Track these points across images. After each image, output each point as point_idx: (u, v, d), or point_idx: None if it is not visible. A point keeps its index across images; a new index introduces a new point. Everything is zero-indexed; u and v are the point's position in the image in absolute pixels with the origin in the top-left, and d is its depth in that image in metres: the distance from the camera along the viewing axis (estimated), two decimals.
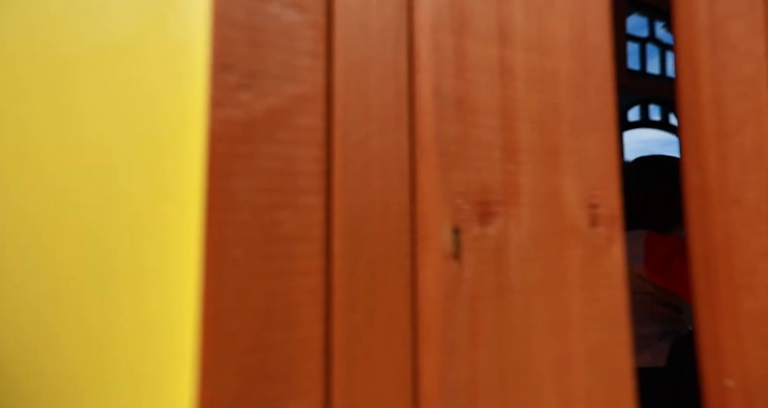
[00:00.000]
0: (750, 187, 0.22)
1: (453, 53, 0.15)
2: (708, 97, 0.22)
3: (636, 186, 0.76)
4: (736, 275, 0.21)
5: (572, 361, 0.16)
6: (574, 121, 0.17)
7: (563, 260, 0.16)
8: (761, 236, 0.22)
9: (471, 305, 0.14)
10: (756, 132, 0.23)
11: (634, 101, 2.01)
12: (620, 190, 0.18)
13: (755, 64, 0.23)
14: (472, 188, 0.15)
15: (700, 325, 0.22)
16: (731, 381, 0.20)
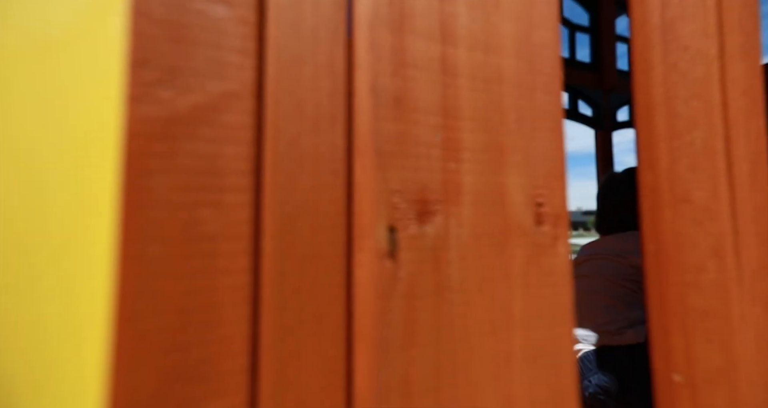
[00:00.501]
0: (699, 186, 0.22)
1: (391, 51, 0.15)
2: (660, 97, 0.22)
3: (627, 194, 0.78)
4: (685, 273, 0.21)
5: (513, 358, 0.16)
6: (519, 120, 0.17)
7: (506, 259, 0.16)
8: (709, 235, 0.22)
9: (407, 304, 0.14)
10: (707, 132, 0.23)
11: (623, 101, 2.03)
12: (567, 189, 0.18)
13: (707, 65, 0.23)
14: (410, 187, 0.15)
15: (651, 322, 0.22)
16: (678, 376, 0.21)
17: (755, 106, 0.25)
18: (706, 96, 0.23)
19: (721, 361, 0.21)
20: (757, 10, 0.25)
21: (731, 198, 0.23)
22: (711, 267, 0.22)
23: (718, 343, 0.22)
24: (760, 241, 0.24)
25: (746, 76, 0.25)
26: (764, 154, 0.25)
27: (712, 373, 0.21)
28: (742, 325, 0.23)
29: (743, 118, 0.24)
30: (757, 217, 0.24)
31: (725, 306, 0.22)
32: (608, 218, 0.85)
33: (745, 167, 0.24)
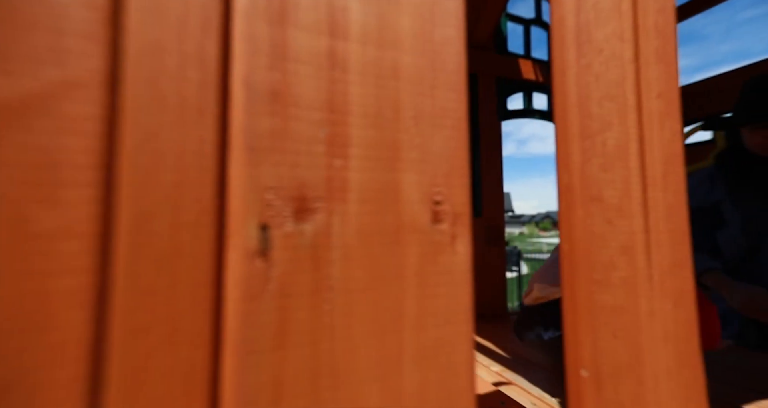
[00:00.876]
0: (611, 185, 0.23)
1: (269, 43, 0.14)
2: (574, 98, 0.22)
3: None
4: (595, 270, 0.22)
5: (404, 358, 0.16)
6: (417, 117, 0.17)
7: (399, 258, 0.16)
8: (621, 233, 0.23)
9: (279, 304, 0.14)
10: (621, 133, 0.24)
11: None
12: (468, 187, 0.18)
13: (621, 68, 0.24)
14: (287, 184, 0.14)
15: (564, 319, 0.22)
16: (585, 371, 0.21)
17: (671, 109, 0.26)
18: (621, 98, 0.24)
19: (627, 356, 0.22)
20: (673, 15, 0.26)
21: (644, 198, 0.24)
22: (621, 265, 0.23)
23: (624, 338, 0.22)
24: (672, 240, 0.25)
25: (662, 79, 0.26)
26: (679, 156, 0.26)
27: (618, 368, 0.22)
28: (650, 321, 0.23)
29: (658, 120, 0.25)
30: (669, 216, 0.25)
31: (634, 302, 0.23)
32: None
33: (659, 168, 0.25)
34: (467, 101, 0.18)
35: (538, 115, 1.85)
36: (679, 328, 0.24)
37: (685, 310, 0.25)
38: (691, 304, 0.25)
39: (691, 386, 0.24)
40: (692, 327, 0.25)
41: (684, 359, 0.24)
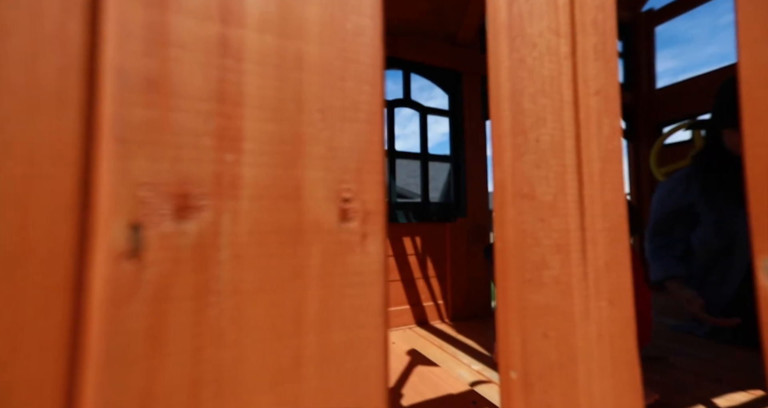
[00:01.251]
0: (545, 182, 0.23)
1: (145, 27, 0.13)
2: (507, 93, 0.22)
3: None
4: (526, 270, 0.21)
5: (303, 365, 0.15)
6: (325, 110, 0.16)
7: (300, 258, 0.15)
8: (554, 232, 0.23)
9: (154, 308, 0.13)
10: (556, 130, 0.23)
11: None
12: (382, 184, 0.17)
13: (557, 63, 0.24)
14: (166, 179, 0.13)
15: (497, 319, 0.22)
16: (514, 373, 0.21)
17: (609, 106, 0.26)
18: (556, 94, 0.23)
19: (558, 356, 0.22)
20: (613, 12, 0.26)
21: (580, 195, 0.24)
22: (555, 263, 0.22)
23: (556, 338, 0.22)
24: (609, 238, 0.25)
25: (600, 76, 0.25)
26: (617, 153, 0.26)
27: (548, 368, 0.21)
28: (584, 320, 0.23)
29: (596, 117, 0.25)
30: (606, 214, 0.25)
31: (567, 302, 0.23)
32: None
33: (596, 166, 0.25)
34: (383, 93, 0.18)
35: None
36: (615, 326, 0.24)
37: (621, 308, 0.25)
38: (628, 302, 0.25)
39: (627, 384, 0.24)
40: (629, 325, 0.25)
41: (620, 357, 0.24)
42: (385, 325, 0.17)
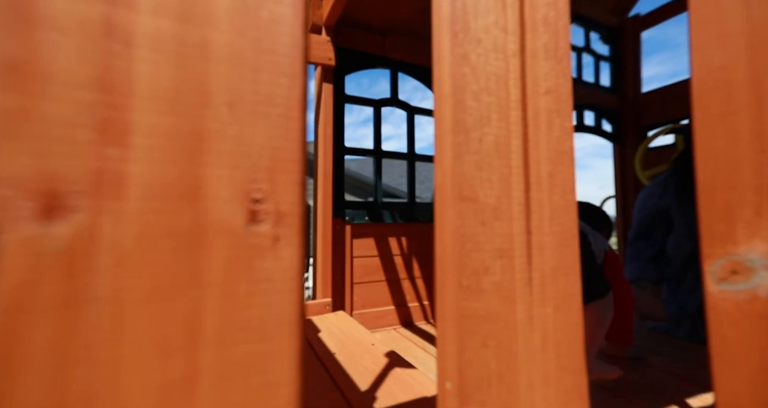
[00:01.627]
0: (487, 184, 0.22)
1: (9, 6, 0.12)
2: (448, 90, 0.21)
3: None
4: (465, 275, 0.21)
5: (199, 382, 0.14)
6: (234, 104, 0.15)
7: (197, 264, 0.14)
8: (497, 236, 0.22)
9: (7, 323, 0.11)
10: (501, 130, 0.22)
11: None
12: (301, 184, 0.16)
13: (504, 61, 0.23)
14: (28, 175, 0.12)
15: (436, 328, 0.21)
16: (449, 383, 0.20)
17: (560, 107, 0.25)
18: (502, 92, 0.23)
19: (498, 365, 0.21)
20: (566, 9, 0.25)
21: (526, 198, 0.23)
22: (496, 269, 0.21)
23: (496, 347, 0.21)
24: (557, 243, 0.24)
25: (551, 75, 0.25)
26: (568, 156, 0.25)
27: (486, 378, 0.20)
28: (528, 328, 0.22)
29: (546, 117, 0.24)
30: (554, 218, 0.24)
31: (509, 309, 0.22)
32: None
33: (544, 168, 0.24)
34: (304, 87, 0.17)
35: None
36: (561, 333, 0.24)
37: (568, 314, 0.24)
38: (576, 308, 0.24)
39: (572, 392, 0.24)
40: (576, 332, 0.24)
41: (565, 365, 0.23)
42: (299, 335, 0.16)
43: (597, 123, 2.35)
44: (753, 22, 0.23)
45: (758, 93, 0.23)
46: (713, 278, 0.25)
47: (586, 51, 2.28)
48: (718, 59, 0.25)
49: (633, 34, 2.35)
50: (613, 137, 2.36)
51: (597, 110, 2.30)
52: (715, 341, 0.25)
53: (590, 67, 2.33)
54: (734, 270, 0.24)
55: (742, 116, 0.24)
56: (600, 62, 2.34)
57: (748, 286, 0.24)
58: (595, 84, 2.28)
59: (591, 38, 2.32)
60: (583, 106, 2.23)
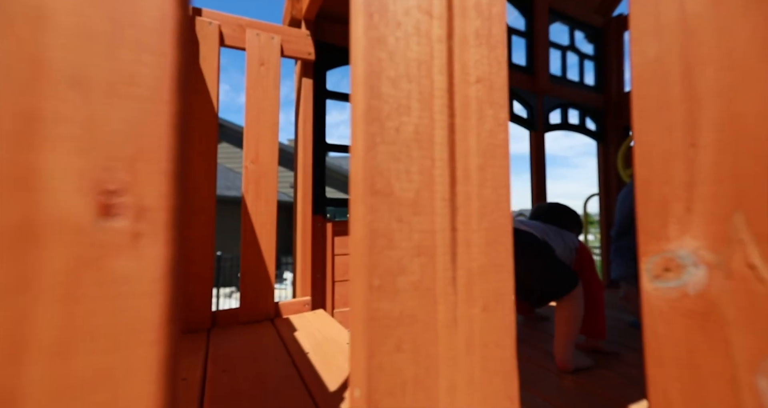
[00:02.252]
0: (405, 177, 0.20)
1: None
2: (361, 75, 0.20)
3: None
4: (377, 275, 0.19)
5: (22, 400, 0.12)
6: (80, 82, 0.13)
7: (29, 265, 0.12)
8: (415, 232, 0.20)
9: None
10: (423, 119, 0.21)
11: (555, 104, 2.19)
12: (171, 175, 0.14)
13: (428, 46, 0.21)
14: None
15: (350, 331, 0.19)
16: (358, 390, 0.18)
17: (493, 97, 0.24)
18: (425, 79, 0.21)
19: (414, 369, 0.20)
20: None
21: (451, 193, 0.22)
22: (414, 268, 0.20)
23: (412, 351, 0.20)
24: (487, 239, 0.23)
25: (483, 63, 0.23)
26: (502, 148, 0.24)
27: (401, 384, 0.19)
28: (450, 330, 0.21)
29: (476, 107, 0.23)
30: (485, 214, 0.23)
31: (429, 310, 0.20)
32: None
33: (474, 161, 0.23)
34: (175, 66, 0.15)
35: None
36: (490, 334, 0.22)
37: (498, 314, 0.23)
38: (508, 308, 0.23)
39: (501, 394, 0.22)
40: (507, 332, 0.23)
41: (493, 367, 0.22)
42: (165, 343, 0.14)
43: (581, 121, 2.37)
44: (686, 14, 0.22)
45: (689, 86, 0.22)
46: (648, 276, 0.24)
47: (571, 50, 2.29)
48: (654, 50, 0.24)
49: (617, 34, 2.37)
50: (597, 136, 2.39)
51: (581, 109, 2.32)
52: (649, 340, 0.24)
53: (575, 67, 2.35)
54: (667, 267, 0.23)
55: (675, 109, 0.23)
56: (585, 61, 2.36)
57: (678, 284, 0.23)
58: (579, 83, 2.30)
59: (576, 37, 2.33)
60: (568, 105, 2.24)
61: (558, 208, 1.18)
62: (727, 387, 0.20)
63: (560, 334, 0.89)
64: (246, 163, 1.14)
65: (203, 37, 1.06)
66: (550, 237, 0.98)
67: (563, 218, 1.14)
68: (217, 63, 1.09)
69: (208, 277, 1.06)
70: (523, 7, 2.00)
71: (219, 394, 0.68)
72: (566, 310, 0.88)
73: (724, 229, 0.21)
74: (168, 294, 0.14)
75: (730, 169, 0.21)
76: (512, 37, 1.90)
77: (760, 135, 0.19)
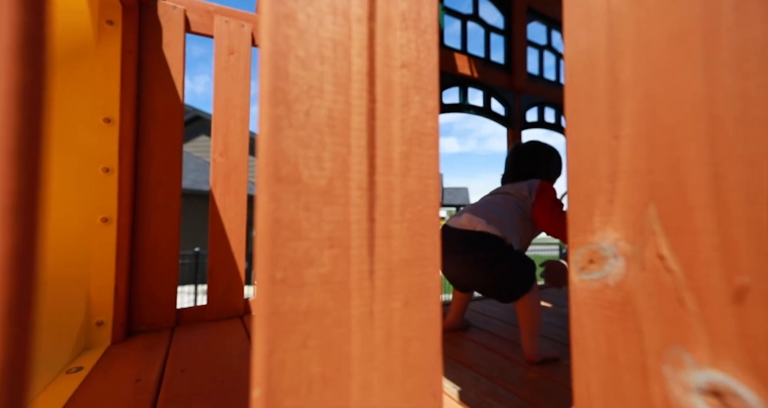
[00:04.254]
0: (316, 164, 0.19)
1: None
2: (266, 53, 0.18)
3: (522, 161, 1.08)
4: (280, 267, 0.18)
5: None
6: None
7: None
8: (326, 222, 0.19)
9: None
10: (339, 104, 0.20)
11: (532, 103, 2.18)
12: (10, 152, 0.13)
13: (346, 27, 0.20)
14: None
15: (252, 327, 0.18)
16: (257, 390, 0.17)
17: (420, 83, 0.23)
18: (342, 62, 0.20)
19: (321, 367, 0.19)
20: None
21: (370, 182, 0.21)
22: (324, 260, 0.19)
23: (319, 347, 0.19)
24: (410, 231, 0.22)
25: (411, 47, 0.22)
26: (431, 137, 0.23)
27: (305, 383, 0.18)
28: (366, 325, 0.20)
29: (401, 93, 0.22)
30: (408, 204, 0.22)
31: (342, 304, 0.19)
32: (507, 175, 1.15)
33: (397, 149, 0.22)
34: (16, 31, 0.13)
35: (473, 110, 1.88)
36: (411, 329, 0.22)
37: (422, 309, 0.22)
38: (433, 302, 0.23)
39: (423, 390, 0.22)
40: (431, 326, 0.23)
41: (415, 363, 0.22)
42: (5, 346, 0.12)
43: (557, 120, 2.31)
44: (611, 5, 0.22)
45: (614, 78, 0.22)
46: (575, 268, 0.24)
47: (548, 49, 2.20)
48: (584, 43, 0.24)
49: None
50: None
51: (557, 108, 2.28)
52: (574, 332, 0.24)
53: (552, 68, 2.25)
54: (591, 259, 0.23)
55: (601, 101, 0.23)
56: (561, 61, 2.26)
57: (601, 275, 0.23)
58: (556, 82, 2.25)
59: (553, 37, 2.22)
60: (545, 104, 2.19)
61: (536, 157, 1.08)
62: (639, 377, 0.21)
63: (524, 327, 0.90)
64: (214, 155, 1.09)
65: (166, 21, 1.01)
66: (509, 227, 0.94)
67: (540, 170, 1.06)
68: (182, 50, 1.04)
69: (172, 275, 1.02)
70: (502, 6, 2.01)
71: (175, 394, 0.66)
72: (527, 302, 0.90)
73: (640, 220, 0.21)
74: (6, 293, 0.12)
75: (646, 162, 0.20)
76: (491, 35, 1.90)
77: (672, 128, 0.19)
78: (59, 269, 0.78)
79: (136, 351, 0.85)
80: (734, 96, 0.17)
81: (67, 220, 0.81)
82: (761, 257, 0.16)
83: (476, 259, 0.89)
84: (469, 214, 0.96)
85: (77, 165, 0.83)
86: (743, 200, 0.17)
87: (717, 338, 0.18)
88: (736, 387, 0.17)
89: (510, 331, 1.18)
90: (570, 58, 0.25)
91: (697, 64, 0.18)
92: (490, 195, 1.08)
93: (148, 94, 0.99)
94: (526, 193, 0.99)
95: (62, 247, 0.80)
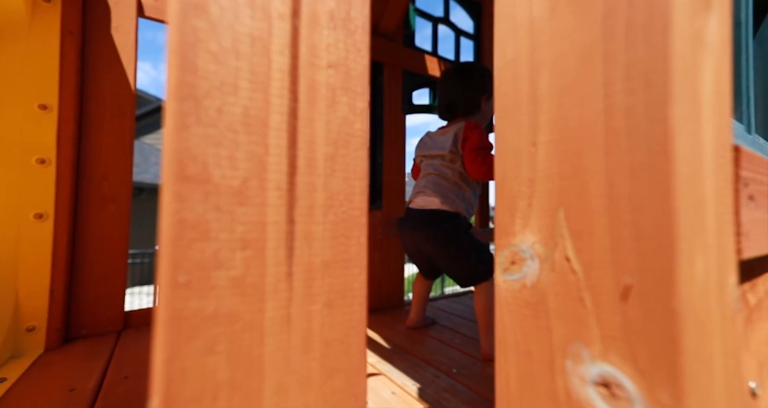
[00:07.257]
0: (229, 164, 0.18)
1: None
2: (174, 44, 0.17)
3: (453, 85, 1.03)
4: (184, 270, 0.17)
5: None
6: None
7: None
8: (239, 223, 0.19)
9: None
10: (255, 101, 0.19)
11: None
12: None
13: (266, 22, 0.20)
14: None
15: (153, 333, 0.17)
16: (156, 400, 0.16)
17: (349, 84, 0.23)
18: (260, 58, 0.19)
19: (230, 373, 0.18)
20: None
21: (289, 183, 0.20)
22: (236, 262, 0.18)
23: (228, 352, 0.18)
24: (334, 232, 0.22)
25: (338, 47, 0.22)
26: (358, 138, 0.23)
27: (211, 390, 0.18)
28: (281, 328, 0.20)
29: (326, 94, 0.22)
30: (332, 206, 0.22)
31: (255, 307, 0.19)
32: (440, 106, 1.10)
33: (321, 150, 0.22)
34: None
35: None
36: (332, 331, 0.22)
37: (344, 310, 0.22)
38: (357, 303, 0.23)
39: (344, 393, 0.22)
40: (354, 328, 0.23)
41: (336, 365, 0.22)
42: None
43: None
44: (533, 16, 0.23)
45: (534, 87, 0.23)
46: (500, 269, 0.26)
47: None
48: (510, 51, 0.25)
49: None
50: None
51: None
52: (498, 330, 0.25)
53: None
54: (513, 260, 0.25)
55: (524, 109, 0.24)
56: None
57: (520, 276, 0.24)
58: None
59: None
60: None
61: (455, 85, 1.02)
62: (547, 371, 0.22)
63: (481, 322, 0.93)
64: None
65: (115, 3, 0.93)
66: (458, 200, 0.94)
67: (465, 98, 1.01)
68: (134, 36, 0.97)
69: (120, 274, 0.95)
70: (472, 10, 2.05)
71: (113, 404, 0.61)
72: (483, 299, 0.93)
73: (551, 224, 0.22)
74: None
75: (558, 168, 0.22)
76: (461, 39, 1.94)
77: (578, 138, 0.21)
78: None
79: (73, 358, 0.79)
80: (623, 110, 0.18)
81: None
82: (641, 259, 0.18)
83: (434, 234, 0.94)
84: (423, 195, 0.99)
85: (4, 155, 0.75)
86: (628, 207, 0.18)
87: (606, 333, 0.19)
88: (620, 378, 0.18)
89: (472, 328, 1.22)
90: (498, 68, 0.26)
91: (598, 79, 0.20)
92: (427, 159, 1.04)
93: (94, 80, 0.91)
94: (454, 148, 0.97)
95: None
